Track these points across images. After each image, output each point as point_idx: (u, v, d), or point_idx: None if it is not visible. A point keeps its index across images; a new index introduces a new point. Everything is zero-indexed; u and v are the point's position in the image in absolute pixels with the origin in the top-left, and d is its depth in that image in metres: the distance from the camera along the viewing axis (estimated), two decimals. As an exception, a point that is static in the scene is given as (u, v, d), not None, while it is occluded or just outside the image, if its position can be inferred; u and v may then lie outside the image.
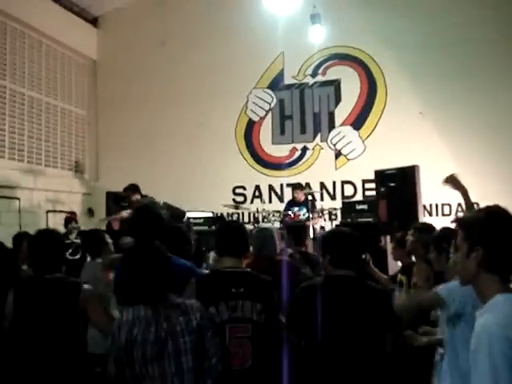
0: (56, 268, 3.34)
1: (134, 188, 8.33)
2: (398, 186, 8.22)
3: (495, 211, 1.99)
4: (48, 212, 10.37)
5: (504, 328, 1.76)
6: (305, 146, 11.21)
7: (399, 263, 5.30)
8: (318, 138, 11.16)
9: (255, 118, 11.54)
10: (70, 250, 8.19)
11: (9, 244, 6.73)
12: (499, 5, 9.93)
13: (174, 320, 2.78)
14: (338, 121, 11.05)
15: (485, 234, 1.93)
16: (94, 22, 12.42)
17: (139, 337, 2.71)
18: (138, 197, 8.33)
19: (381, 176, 8.59)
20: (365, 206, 8.68)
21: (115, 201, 9.39)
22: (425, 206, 9.34)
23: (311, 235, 8.94)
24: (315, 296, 3.01)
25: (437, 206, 10.03)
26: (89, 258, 5.38)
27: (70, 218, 9.11)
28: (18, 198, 9.67)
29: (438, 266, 3.64)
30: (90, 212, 11.57)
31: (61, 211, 10.42)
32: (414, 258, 4.65)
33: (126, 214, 8.14)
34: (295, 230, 5.56)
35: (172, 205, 8.43)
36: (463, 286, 2.11)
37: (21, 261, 4.39)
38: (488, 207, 2.04)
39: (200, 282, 3.17)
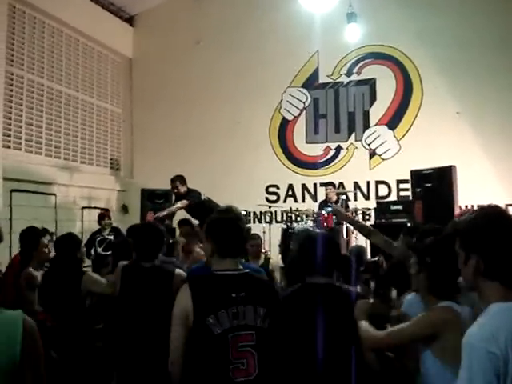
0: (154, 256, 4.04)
1: (181, 179, 8.38)
2: (435, 186, 8.13)
3: (489, 215, 1.90)
4: (83, 208, 10.50)
5: (486, 341, 1.68)
6: (339, 146, 11.12)
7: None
8: (353, 137, 11.08)
9: (289, 117, 11.50)
10: (103, 246, 8.38)
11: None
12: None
13: None
14: (372, 120, 10.95)
15: (478, 241, 1.84)
16: (129, 20, 12.54)
17: None
18: (184, 188, 8.38)
19: (417, 176, 8.50)
20: (399, 207, 8.58)
21: (149, 198, 9.44)
22: (461, 207, 9.18)
23: (344, 236, 8.93)
24: (295, 305, 2.96)
25: (473, 207, 9.83)
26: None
27: (104, 214, 9.21)
28: (54, 194, 9.80)
29: None
30: (124, 209, 11.68)
31: (95, 207, 10.56)
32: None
33: (181, 204, 8.21)
34: None
35: (214, 201, 8.37)
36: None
37: None
38: (482, 210, 1.96)
39: (194, 287, 2.74)
